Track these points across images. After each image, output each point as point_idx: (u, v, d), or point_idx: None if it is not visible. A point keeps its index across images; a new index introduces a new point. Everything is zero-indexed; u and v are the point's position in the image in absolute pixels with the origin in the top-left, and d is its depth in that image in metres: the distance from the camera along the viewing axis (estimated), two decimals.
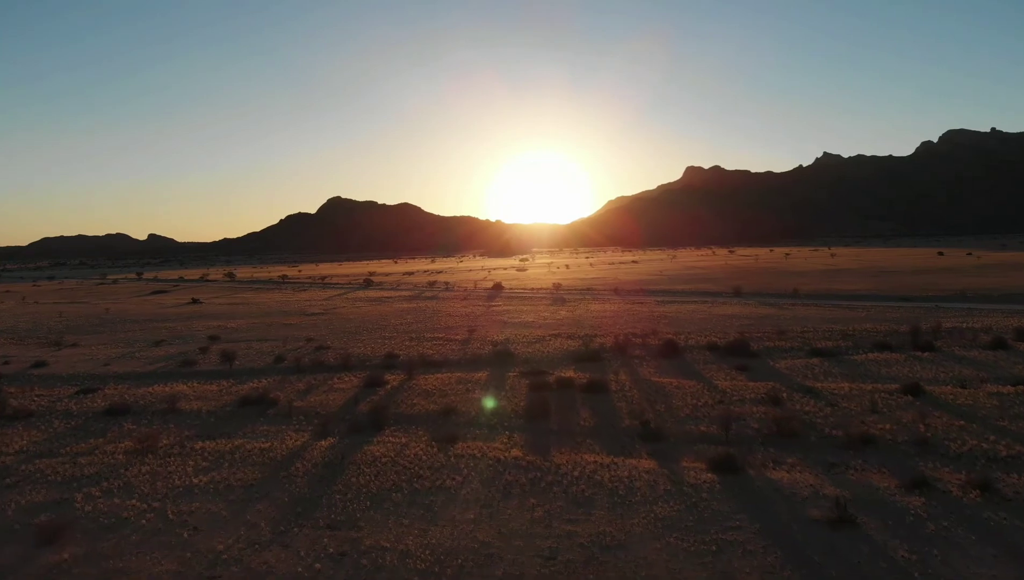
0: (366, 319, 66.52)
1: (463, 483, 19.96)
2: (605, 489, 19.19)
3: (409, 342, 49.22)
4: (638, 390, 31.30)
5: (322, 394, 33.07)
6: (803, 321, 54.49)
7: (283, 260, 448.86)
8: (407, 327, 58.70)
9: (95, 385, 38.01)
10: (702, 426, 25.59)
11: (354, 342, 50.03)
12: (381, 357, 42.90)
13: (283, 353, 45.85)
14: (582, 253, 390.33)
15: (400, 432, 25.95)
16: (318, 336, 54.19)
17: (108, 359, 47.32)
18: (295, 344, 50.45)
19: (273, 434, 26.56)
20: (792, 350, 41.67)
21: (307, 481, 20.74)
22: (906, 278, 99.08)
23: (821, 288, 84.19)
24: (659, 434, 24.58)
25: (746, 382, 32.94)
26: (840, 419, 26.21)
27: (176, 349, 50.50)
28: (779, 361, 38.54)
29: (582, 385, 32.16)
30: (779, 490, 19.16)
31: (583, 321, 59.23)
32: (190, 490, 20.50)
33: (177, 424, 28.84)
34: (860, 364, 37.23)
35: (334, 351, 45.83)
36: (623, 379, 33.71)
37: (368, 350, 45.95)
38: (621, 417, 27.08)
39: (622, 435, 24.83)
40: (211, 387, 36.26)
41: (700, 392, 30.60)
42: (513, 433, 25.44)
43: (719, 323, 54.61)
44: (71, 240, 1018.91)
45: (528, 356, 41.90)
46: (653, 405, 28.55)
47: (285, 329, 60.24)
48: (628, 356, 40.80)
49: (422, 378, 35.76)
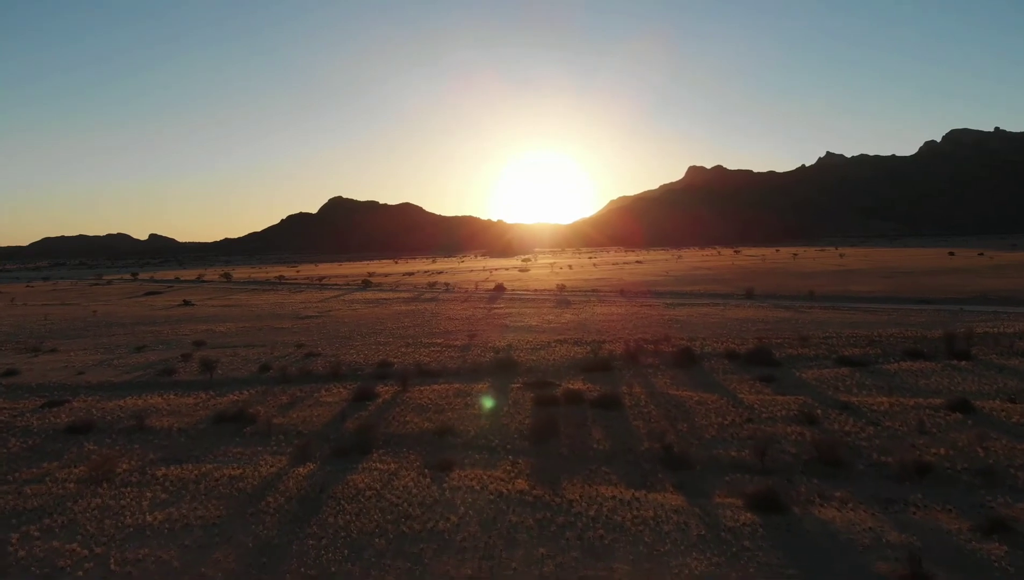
0: (361, 323, 63.50)
1: (459, 525, 16.92)
2: (627, 535, 16.14)
3: (405, 348, 46.20)
4: (655, 405, 28.24)
5: (306, 408, 30.05)
6: (823, 325, 51.39)
7: (283, 260, 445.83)
8: (404, 331, 55.67)
9: (64, 397, 35.04)
10: (732, 450, 22.54)
11: (347, 348, 47.01)
12: (374, 365, 39.87)
13: (270, 361, 42.83)
14: (585, 253, 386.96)
15: (389, 456, 22.94)
16: (309, 342, 51.17)
17: (84, 367, 44.33)
18: (284, 350, 47.44)
19: (247, 458, 23.55)
20: (818, 358, 38.60)
21: (277, 521, 17.70)
22: (921, 279, 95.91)
23: (836, 290, 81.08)
24: (684, 460, 21.54)
25: (773, 396, 29.89)
26: (887, 442, 23.18)
27: (158, 355, 47.51)
28: (805, 371, 35.48)
29: (593, 399, 29.11)
30: (833, 535, 16.11)
31: (589, 325, 56.17)
32: (141, 531, 17.49)
33: (143, 445, 25.85)
34: (894, 375, 34.16)
35: (324, 359, 42.81)
36: (638, 392, 30.64)
37: (361, 357, 42.93)
38: (639, 438, 24.02)
39: (642, 461, 21.79)
40: (187, 400, 33.26)
41: (725, 408, 27.54)
42: (517, 458, 22.41)
43: (734, 327, 51.53)
44: (72, 240, 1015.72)
45: (532, 364, 38.86)
46: (674, 424, 25.49)
47: (276, 333, 57.23)
48: (641, 365, 37.75)
49: (417, 390, 32.75)
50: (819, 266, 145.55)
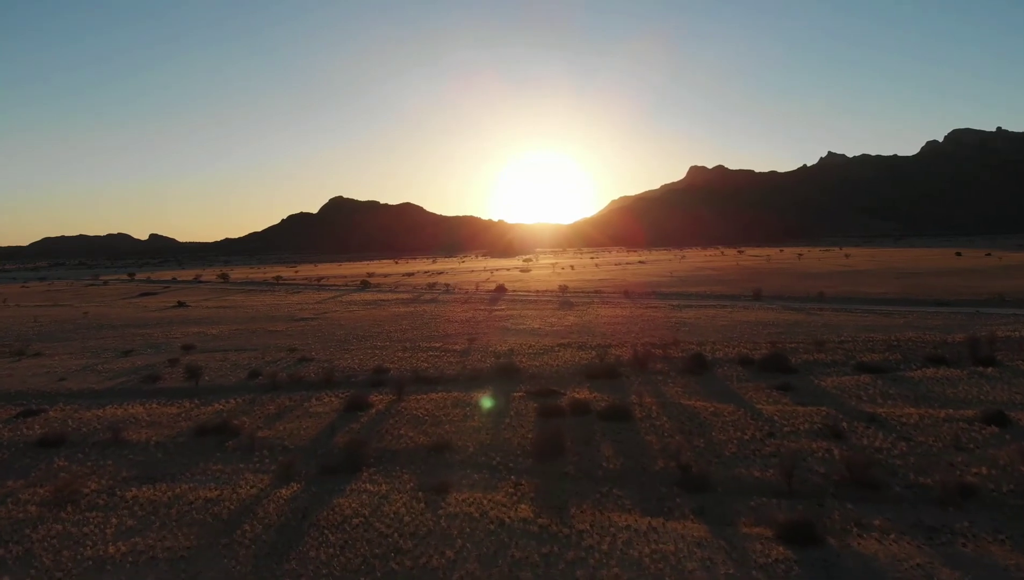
0: (358, 325, 61.61)
1: (455, 561, 15.03)
2: (647, 575, 14.24)
3: (402, 353, 44.30)
4: (668, 417, 26.32)
5: (294, 420, 28.15)
6: (838, 329, 49.47)
7: (283, 260, 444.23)
8: (401, 335, 53.77)
9: (41, 405, 33.19)
10: (755, 469, 20.63)
11: (341, 353, 45.12)
12: (369, 372, 37.97)
13: (260, 366, 40.95)
14: (586, 253, 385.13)
15: (381, 476, 21.05)
16: (302, 345, 49.29)
17: (67, 372, 42.48)
18: (276, 355, 45.56)
19: (226, 477, 21.67)
20: (836, 365, 36.67)
21: (253, 554, 15.82)
22: (932, 280, 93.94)
23: (846, 291, 79.12)
24: (704, 481, 19.63)
25: (793, 406, 27.97)
26: (922, 460, 21.27)
27: (145, 360, 45.63)
28: (824, 378, 33.55)
29: (601, 410, 27.20)
30: (879, 574, 14.22)
31: (594, 328, 54.25)
32: (101, 565, 15.63)
33: (116, 460, 23.98)
34: (919, 383, 32.23)
35: (317, 364, 40.92)
36: (648, 402, 28.71)
37: (355, 363, 41.04)
38: (653, 455, 22.10)
39: (657, 482, 19.89)
40: (170, 409, 31.37)
41: (743, 421, 25.62)
42: (520, 478, 20.51)
43: (745, 331, 49.61)
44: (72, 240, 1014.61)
45: (535, 371, 36.96)
46: (690, 439, 23.58)
47: (269, 337, 55.34)
48: (649, 371, 35.83)
49: (414, 399, 30.86)
50: (825, 266, 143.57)
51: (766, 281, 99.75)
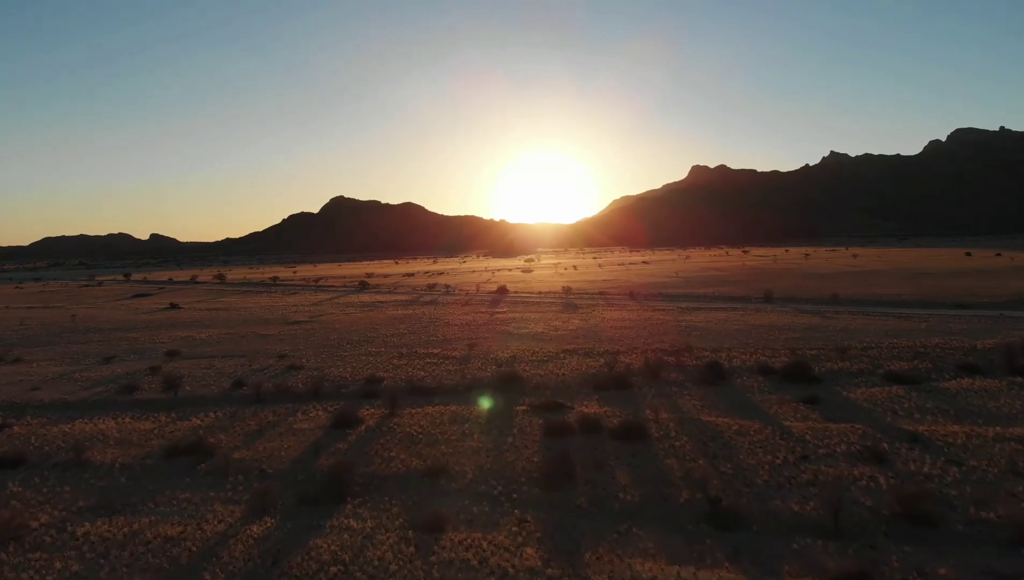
0: (353, 329, 59.10)
1: None
2: None
3: (398, 360, 41.80)
4: (688, 436, 23.81)
5: (276, 438, 25.66)
6: (858, 334, 46.94)
7: (283, 261, 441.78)
8: (398, 340, 51.26)
9: (7, 419, 30.75)
10: (793, 501, 18.13)
11: (333, 360, 42.62)
12: (361, 381, 35.47)
13: (246, 375, 38.47)
14: (588, 253, 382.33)
15: (366, 508, 18.58)
16: (293, 351, 46.81)
17: (42, 380, 40.03)
18: (264, 362, 43.08)
19: (193, 508, 19.20)
20: (863, 374, 34.15)
21: None
22: (946, 281, 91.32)
23: (859, 292, 76.49)
24: (736, 517, 17.15)
25: (824, 423, 25.46)
26: (979, 489, 18.78)
27: (125, 367, 43.16)
28: (852, 389, 31.05)
29: (613, 428, 24.70)
30: None
31: (600, 332, 51.72)
32: None
33: (75, 486, 21.52)
34: (955, 395, 29.72)
35: (306, 373, 38.42)
36: (665, 418, 26.19)
37: (347, 371, 38.54)
38: (675, 484, 19.60)
39: (683, 517, 17.40)
40: (143, 424, 28.90)
41: (772, 441, 23.10)
42: (525, 512, 18.02)
43: (761, 336, 47.06)
44: (72, 240, 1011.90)
45: (540, 380, 34.46)
46: (715, 463, 21.07)
47: (260, 342, 52.86)
48: (663, 381, 33.32)
49: (408, 413, 28.37)
50: (833, 267, 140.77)
51: (775, 282, 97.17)
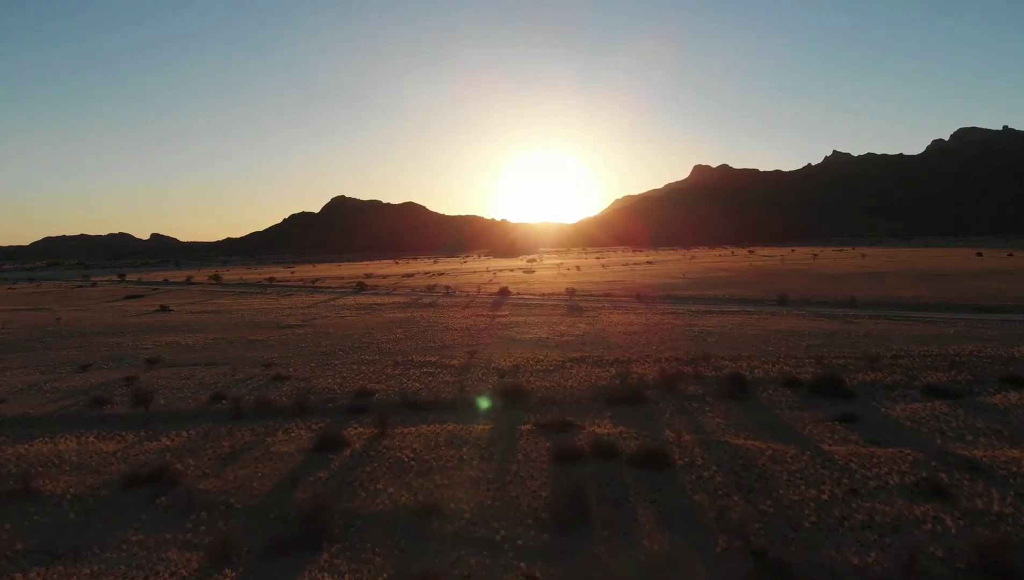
0: (348, 334, 56.20)
1: None
2: None
3: (392, 369, 38.89)
4: (717, 465, 20.87)
5: (250, 463, 22.76)
6: (884, 340, 43.99)
7: (283, 261, 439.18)
8: (394, 346, 48.37)
9: None
10: (850, 551, 15.21)
11: (323, 369, 39.72)
12: (350, 394, 32.59)
13: (227, 386, 35.59)
14: (591, 253, 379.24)
15: (345, 559, 15.70)
16: (281, 359, 43.93)
17: (10, 392, 37.21)
18: (249, 370, 40.20)
19: (144, 555, 16.34)
20: (898, 387, 31.23)
21: None
22: (963, 283, 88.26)
23: (875, 294, 73.41)
24: (786, 573, 14.24)
25: (868, 448, 22.54)
26: None
27: (101, 377, 40.31)
28: (891, 405, 28.14)
29: (632, 453, 21.78)
30: None
31: (609, 338, 48.80)
32: None
33: (16, 523, 18.70)
34: (1007, 412, 26.79)
35: (292, 384, 35.54)
36: (688, 441, 23.26)
37: (337, 382, 35.63)
38: (708, 527, 16.67)
39: (725, 572, 14.48)
40: (107, 445, 26.03)
41: (813, 470, 20.17)
42: (533, 564, 15.13)
43: (780, 343, 44.10)
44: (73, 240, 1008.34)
45: (546, 394, 31.56)
46: (752, 500, 18.14)
47: (247, 348, 49.99)
48: (681, 395, 30.41)
49: (400, 433, 25.46)
50: (843, 267, 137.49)
51: (785, 283, 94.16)
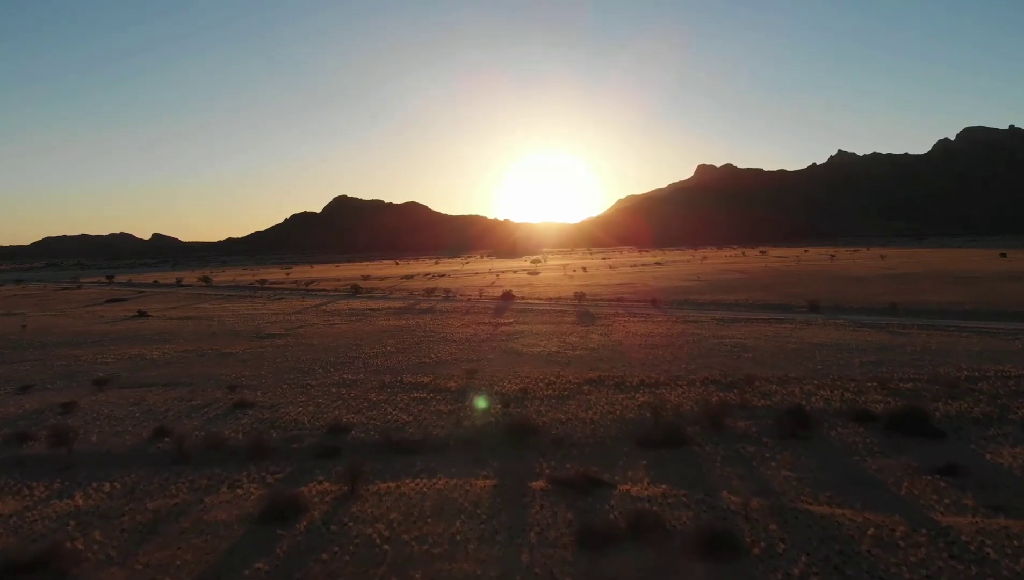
0: (333, 346, 50.41)
1: None
2: None
3: (377, 394, 33.05)
4: (806, 552, 14.97)
5: (172, 542, 16.90)
6: (946, 357, 38.09)
7: (282, 261, 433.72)
8: (383, 362, 42.56)
9: None
10: None
11: (296, 393, 33.89)
12: (321, 431, 26.76)
13: (177, 417, 29.81)
14: (596, 253, 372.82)
15: None
16: (251, 379, 38.12)
17: None
18: (211, 394, 34.39)
19: None
20: (992, 422, 25.37)
21: None
22: (999, 286, 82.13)
23: (913, 300, 67.24)
24: None
25: (994, 517, 16.74)
26: None
27: (38, 402, 34.50)
28: (994, 449, 22.28)
29: (687, 534, 15.93)
30: None
31: (628, 353, 42.93)
32: None
33: None
34: None
35: (255, 414, 29.73)
36: (756, 509, 17.35)
37: (308, 412, 29.79)
38: None
39: None
40: (6, 503, 20.27)
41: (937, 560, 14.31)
42: None
43: (829, 359, 38.14)
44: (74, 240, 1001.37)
45: (561, 430, 25.73)
46: None
47: (217, 363, 44.21)
48: (730, 433, 24.56)
49: (375, 492, 19.63)
50: (865, 269, 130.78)
51: (807, 287, 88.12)
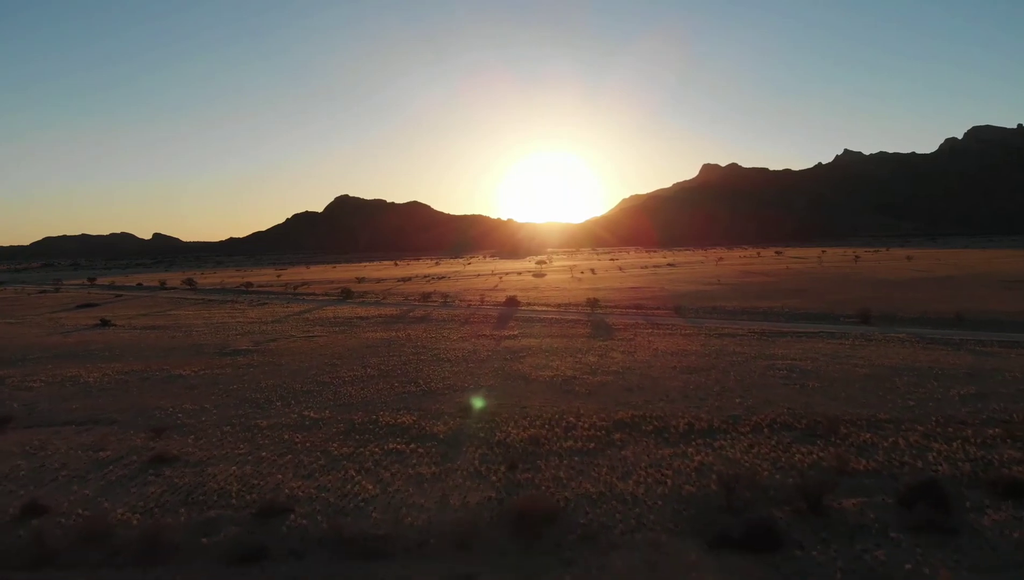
0: (304, 367, 42.48)
1: None
2: None
3: (339, 446, 25.06)
4: None
5: None
6: None
7: (280, 261, 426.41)
8: (358, 390, 34.60)
9: None
10: None
11: (235, 441, 25.95)
12: (249, 513, 18.80)
13: (63, 483, 21.90)
14: (603, 254, 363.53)
15: None
16: (191, 414, 30.18)
17: None
18: (128, 442, 26.48)
19: None
20: None
21: None
22: None
23: (974, 308, 58.85)
24: None
25: None
26: None
27: None
28: None
29: None
30: None
31: (662, 379, 34.88)
32: None
33: None
34: None
35: (170, 478, 21.77)
36: None
37: (242, 476, 21.82)
38: None
39: None
40: None
41: None
42: None
43: (916, 391, 29.99)
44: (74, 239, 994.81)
45: (592, 517, 17.80)
46: None
47: (159, 391, 36.33)
48: (837, 521, 16.59)
49: None
50: (895, 271, 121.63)
51: (848, 293, 79.89)
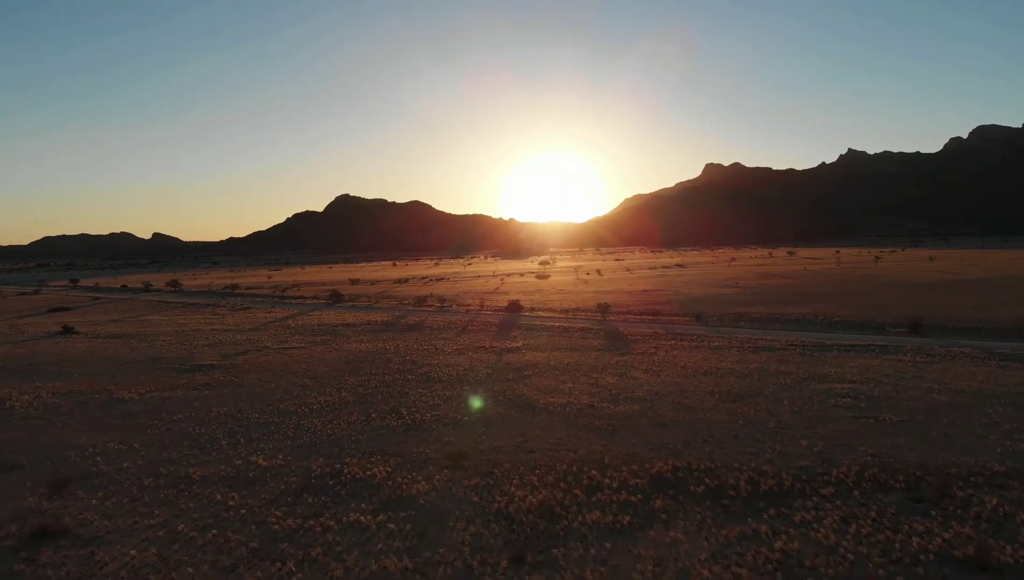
0: (267, 391, 36.14)
1: None
2: None
3: (281, 517, 18.81)
4: None
5: None
6: None
7: (279, 261, 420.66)
8: (326, 423, 28.32)
9: None
10: None
11: (149, 505, 19.71)
12: None
13: None
14: (607, 254, 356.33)
15: None
16: (113, 458, 23.91)
17: None
18: (18, 501, 20.25)
19: None
20: None
21: None
22: None
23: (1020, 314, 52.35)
24: None
25: None
26: None
27: None
28: None
29: None
30: None
31: (700, 410, 28.55)
32: None
33: None
34: None
35: (43, 568, 15.48)
36: None
37: (139, 568, 15.56)
38: None
39: None
40: None
41: None
42: None
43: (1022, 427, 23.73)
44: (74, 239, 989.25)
45: None
46: None
47: (89, 421, 30.06)
48: None
49: None
50: (921, 273, 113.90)
51: (881, 297, 73.34)
